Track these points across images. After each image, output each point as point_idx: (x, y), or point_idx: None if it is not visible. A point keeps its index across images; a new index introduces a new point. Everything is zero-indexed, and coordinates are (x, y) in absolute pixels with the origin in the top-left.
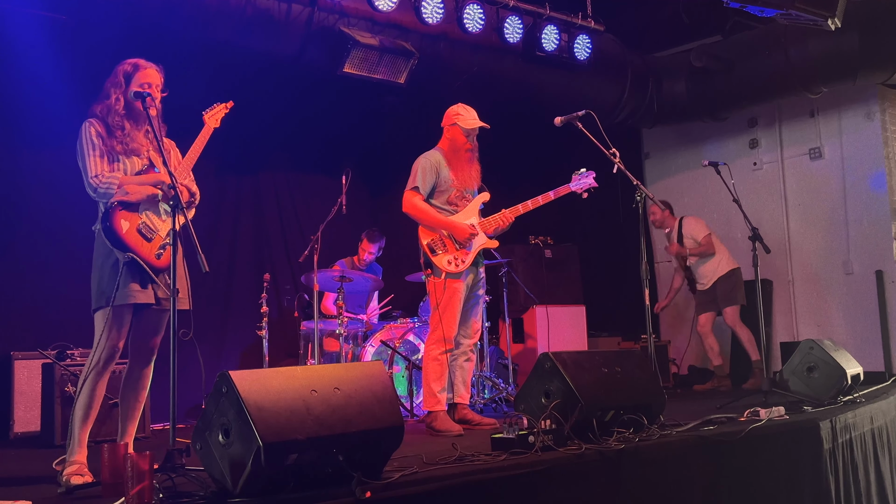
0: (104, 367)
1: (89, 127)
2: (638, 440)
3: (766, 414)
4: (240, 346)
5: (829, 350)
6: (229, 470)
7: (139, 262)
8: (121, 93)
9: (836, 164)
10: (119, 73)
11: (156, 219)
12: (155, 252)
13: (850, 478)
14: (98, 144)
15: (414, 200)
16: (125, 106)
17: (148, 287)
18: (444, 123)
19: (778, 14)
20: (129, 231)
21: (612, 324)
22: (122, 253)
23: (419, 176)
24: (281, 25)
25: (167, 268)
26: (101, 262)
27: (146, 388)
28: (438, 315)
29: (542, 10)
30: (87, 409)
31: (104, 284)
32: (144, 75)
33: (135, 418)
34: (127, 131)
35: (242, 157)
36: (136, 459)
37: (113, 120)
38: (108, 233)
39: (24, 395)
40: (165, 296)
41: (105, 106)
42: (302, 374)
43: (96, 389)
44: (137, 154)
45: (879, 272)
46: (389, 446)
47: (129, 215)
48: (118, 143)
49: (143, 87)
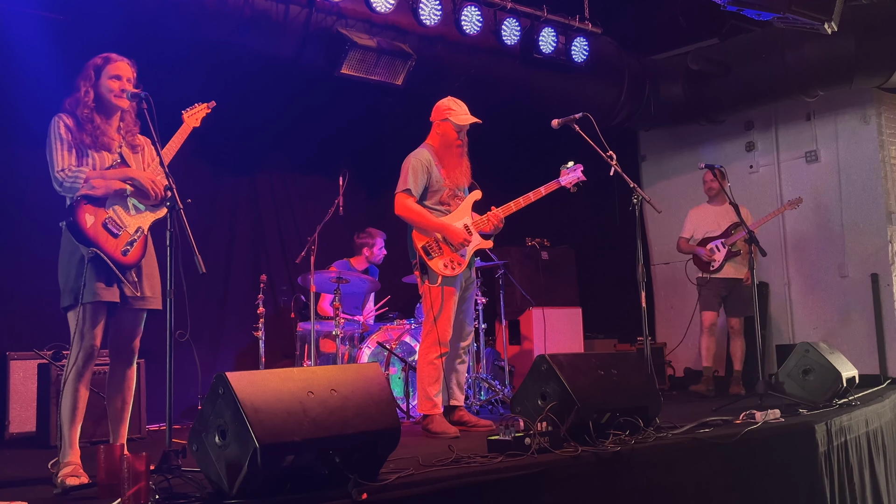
0: (84, 367)
1: (58, 121)
2: (634, 442)
3: (761, 417)
4: (236, 347)
5: (824, 353)
6: (226, 471)
7: (103, 258)
8: (90, 85)
9: (832, 168)
10: (89, 66)
11: (124, 214)
12: (122, 248)
13: (845, 480)
14: (66, 138)
15: (407, 203)
16: (95, 99)
17: (113, 285)
18: (434, 118)
19: (774, 17)
20: (94, 225)
21: (609, 326)
22: (85, 248)
23: (410, 177)
24: (279, 26)
25: (135, 264)
26: (67, 258)
27: (132, 388)
28: (433, 319)
29: (539, 12)
30: (72, 410)
31: (71, 282)
32: (115, 68)
33: (124, 420)
34: (97, 124)
35: (239, 157)
36: (132, 461)
37: (82, 113)
38: (72, 227)
39: (20, 395)
40: (132, 294)
41: (74, 99)
42: (298, 376)
43: (79, 390)
44: (108, 148)
45: (875, 275)
46: (386, 448)
47: (94, 209)
48: (87, 135)
49: (113, 79)
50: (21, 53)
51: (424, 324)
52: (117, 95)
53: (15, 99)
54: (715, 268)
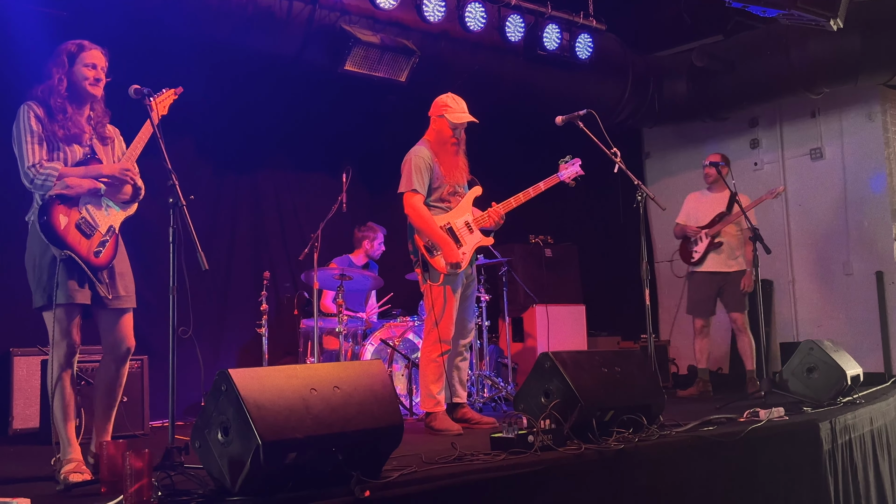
0: (67, 364)
1: (28, 111)
2: (637, 440)
3: (765, 415)
4: (239, 344)
5: (828, 351)
6: (228, 468)
7: (77, 260)
8: (63, 73)
9: (836, 165)
10: (62, 52)
11: (97, 213)
12: (94, 249)
13: (850, 479)
14: (37, 131)
15: (416, 204)
16: (68, 87)
17: (85, 286)
18: (432, 113)
19: (780, 14)
20: (68, 227)
21: (612, 323)
22: (58, 250)
23: (415, 177)
24: (282, 23)
25: (107, 265)
26: (38, 258)
27: (121, 387)
28: (434, 318)
29: (543, 9)
30: (64, 407)
31: (44, 282)
32: (90, 55)
33: (111, 418)
34: (69, 115)
35: (242, 154)
36: (133, 457)
37: (55, 102)
38: (46, 228)
39: (24, 391)
40: (106, 294)
41: (47, 87)
42: (302, 373)
43: (66, 387)
44: (78, 141)
45: (880, 273)
46: (389, 445)
47: (67, 210)
48: (59, 127)
49: (88, 67)
50: (22, 49)
51: (426, 322)
52: (92, 84)
53: (16, 94)
54: (695, 259)
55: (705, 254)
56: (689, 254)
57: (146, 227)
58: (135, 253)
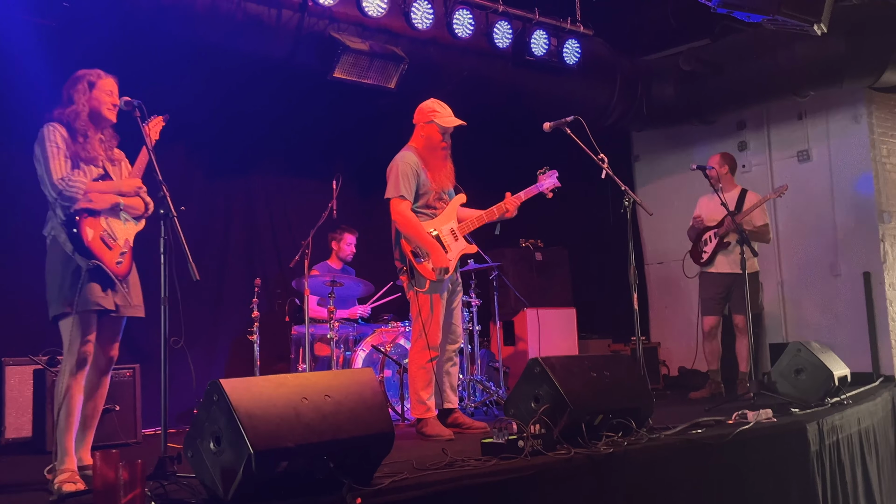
0: (77, 373)
1: (54, 130)
2: (626, 444)
3: (753, 417)
4: (231, 351)
5: (816, 352)
6: (220, 477)
7: (103, 269)
8: (86, 99)
9: (823, 167)
10: (82, 79)
11: (116, 225)
12: (116, 259)
13: (837, 479)
14: (62, 148)
15: (403, 210)
16: (90, 112)
17: (108, 292)
18: (418, 120)
19: (764, 19)
20: (94, 239)
21: (603, 326)
22: (85, 260)
23: (402, 183)
24: (271, 30)
25: (127, 275)
26: (61, 268)
27: (104, 396)
28: (421, 324)
29: (531, 15)
30: (68, 416)
31: (66, 291)
32: (108, 83)
33: (93, 427)
34: (89, 138)
35: (233, 160)
36: (126, 468)
37: (79, 125)
38: (75, 240)
39: (15, 400)
40: (123, 303)
41: (73, 111)
42: (293, 382)
43: (74, 397)
44: (94, 163)
45: (867, 274)
46: (380, 452)
47: (93, 222)
48: (81, 149)
49: (107, 94)
50: (12, 59)
51: (413, 329)
52: (109, 109)
53: (7, 105)
54: (704, 259)
55: (714, 254)
56: (699, 254)
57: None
58: None
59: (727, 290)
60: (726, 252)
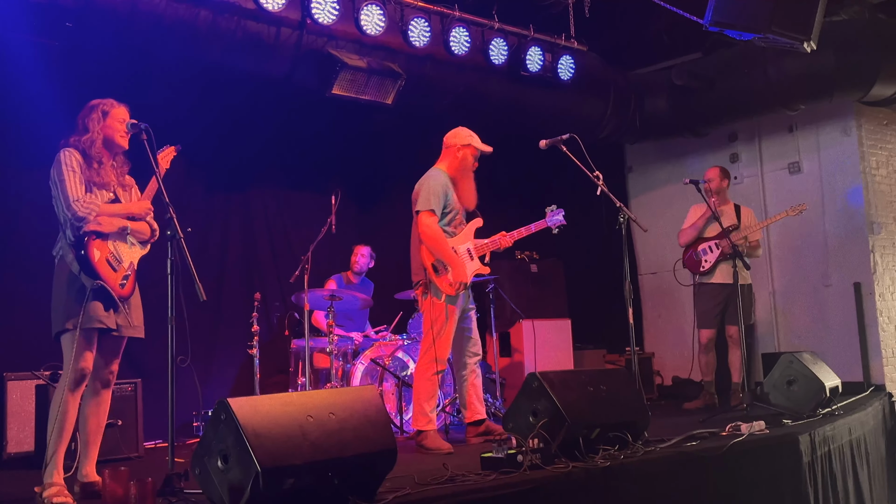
0: (74, 389)
1: (70, 154)
2: (623, 457)
3: (747, 428)
4: (230, 364)
5: (808, 363)
6: (228, 495)
7: (107, 289)
8: (101, 127)
9: (814, 179)
10: (97, 108)
11: (122, 249)
12: (119, 281)
13: (829, 489)
14: (78, 172)
15: (432, 224)
16: (104, 140)
17: (110, 311)
18: (454, 143)
19: (756, 38)
20: (100, 260)
21: (598, 337)
22: (91, 280)
23: (433, 198)
24: (270, 48)
25: (129, 296)
26: (66, 287)
27: (106, 411)
28: (432, 336)
29: (526, 31)
30: (61, 430)
31: (70, 308)
32: (121, 112)
33: (97, 443)
34: (103, 164)
35: (233, 176)
36: (138, 487)
37: (94, 152)
38: (82, 261)
39: (17, 415)
40: (124, 323)
41: (88, 139)
42: (298, 401)
43: (69, 412)
44: (107, 188)
45: (857, 284)
46: (383, 468)
47: (101, 244)
48: (95, 174)
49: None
50: (18, 79)
51: (424, 340)
52: (122, 136)
53: (14, 124)
54: (706, 269)
55: (716, 264)
56: (698, 263)
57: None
58: None
59: (725, 301)
60: (727, 263)
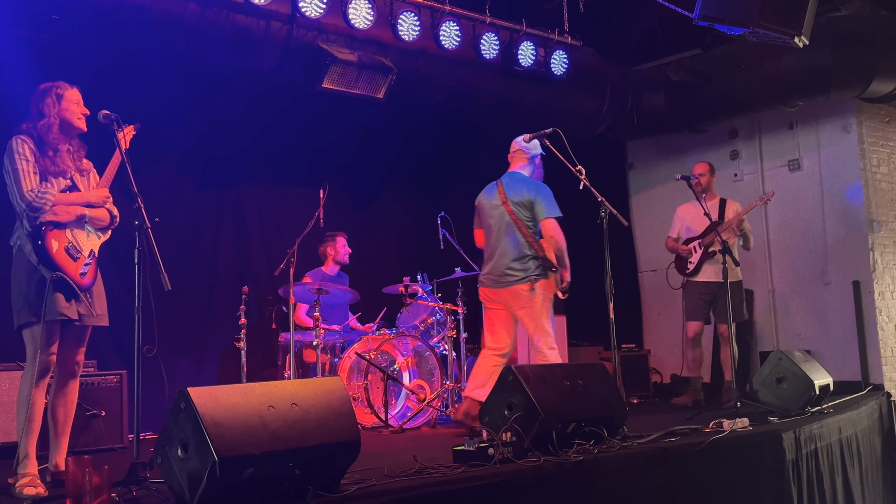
0: (39, 381)
1: (22, 143)
2: (597, 452)
3: (729, 425)
4: (221, 358)
5: (797, 361)
6: (187, 483)
7: (67, 280)
8: (56, 112)
9: (814, 176)
10: (50, 92)
11: (81, 237)
12: (80, 271)
13: (815, 488)
14: (31, 161)
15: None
16: (60, 124)
17: (72, 303)
18: (528, 153)
19: (745, 32)
20: (59, 251)
21: (593, 333)
22: (49, 272)
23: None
24: (260, 42)
25: (91, 286)
26: (25, 278)
27: (74, 401)
28: (544, 325)
29: (518, 26)
30: (30, 422)
31: (31, 301)
32: (74, 94)
33: (66, 433)
34: (59, 151)
35: (224, 171)
36: (93, 474)
37: (49, 138)
38: (40, 252)
39: (4, 405)
40: (86, 312)
41: (45, 124)
42: (260, 391)
43: (36, 403)
44: (63, 175)
45: (856, 282)
46: (346, 460)
47: (58, 234)
48: (51, 162)
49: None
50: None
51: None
52: (79, 118)
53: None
54: (690, 269)
55: (700, 264)
56: (684, 265)
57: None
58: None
59: (713, 296)
60: (712, 261)
